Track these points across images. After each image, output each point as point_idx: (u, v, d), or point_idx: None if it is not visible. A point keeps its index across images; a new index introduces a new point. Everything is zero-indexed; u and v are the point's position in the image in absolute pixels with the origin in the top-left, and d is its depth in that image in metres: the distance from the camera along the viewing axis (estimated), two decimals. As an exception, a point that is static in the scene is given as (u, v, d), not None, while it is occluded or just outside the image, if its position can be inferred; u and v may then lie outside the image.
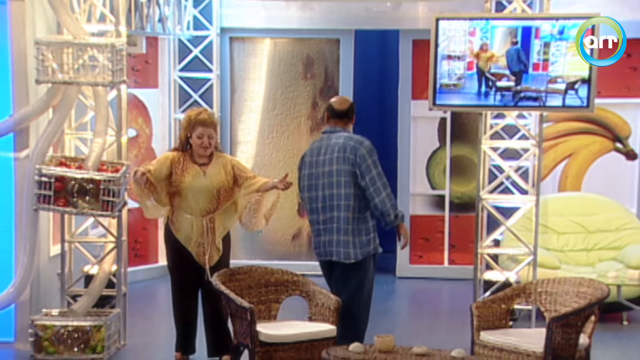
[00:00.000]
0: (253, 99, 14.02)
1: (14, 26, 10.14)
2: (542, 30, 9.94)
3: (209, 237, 9.51)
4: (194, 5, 13.67)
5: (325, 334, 8.70)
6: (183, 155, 9.60)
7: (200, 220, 9.51)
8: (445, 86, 10.18)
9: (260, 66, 14.01)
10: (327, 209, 9.14)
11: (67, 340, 9.90)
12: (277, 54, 13.98)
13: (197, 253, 9.55)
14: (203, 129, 9.50)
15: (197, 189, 9.47)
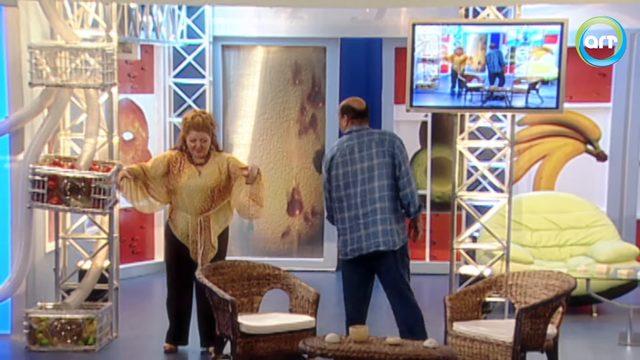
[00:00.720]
0: (245, 104, 13.75)
1: (8, 31, 9.91)
2: (509, 36, 9.73)
3: (204, 235, 9.23)
4: (188, 15, 13.40)
5: (304, 325, 8.42)
6: (182, 155, 9.36)
7: (196, 218, 9.27)
8: (421, 87, 9.94)
9: (251, 73, 13.74)
10: (368, 202, 8.85)
11: (60, 332, 9.63)
12: (267, 61, 13.72)
13: (192, 250, 9.30)
14: (195, 133, 9.26)
15: (192, 188, 9.23)
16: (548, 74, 9.74)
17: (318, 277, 13.27)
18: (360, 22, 13.35)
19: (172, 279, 9.43)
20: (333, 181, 8.97)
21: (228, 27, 13.52)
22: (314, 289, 8.67)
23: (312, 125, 13.73)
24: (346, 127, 9.07)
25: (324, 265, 13.63)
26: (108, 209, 9.67)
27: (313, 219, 13.77)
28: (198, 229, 9.27)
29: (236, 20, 13.48)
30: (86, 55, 9.57)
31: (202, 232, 9.27)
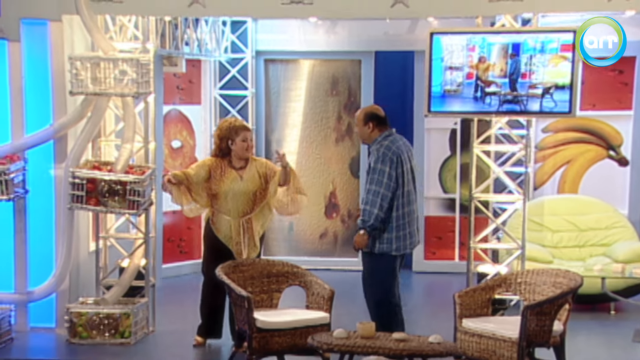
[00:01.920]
0: (285, 114, 13.33)
1: (53, 44, 9.60)
2: (528, 45, 9.14)
3: (247, 236, 8.85)
4: (232, 31, 12.99)
5: (319, 321, 7.97)
6: (221, 162, 8.99)
7: (238, 220, 8.88)
8: (447, 91, 9.46)
9: (292, 84, 13.30)
10: (414, 201, 8.62)
11: (99, 326, 9.29)
12: (307, 73, 13.28)
13: (236, 251, 8.89)
14: (246, 133, 8.99)
15: (236, 192, 8.86)
16: (563, 80, 9.20)
17: (353, 276, 12.75)
18: (392, 36, 12.87)
19: (209, 278, 8.93)
20: (405, 176, 8.50)
21: (270, 42, 13.11)
22: (329, 286, 8.21)
23: (348, 133, 13.25)
24: (371, 133, 8.58)
25: (359, 265, 13.01)
26: (142, 210, 9.30)
27: (349, 221, 13.28)
28: (241, 230, 8.86)
29: (278, 35, 13.06)
30: (124, 66, 9.21)
31: (245, 234, 8.85)
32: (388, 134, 8.60)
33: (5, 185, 9.21)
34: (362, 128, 8.62)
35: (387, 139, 8.57)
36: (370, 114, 8.63)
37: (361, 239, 8.48)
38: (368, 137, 8.61)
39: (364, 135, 8.64)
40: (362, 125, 8.60)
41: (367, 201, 8.45)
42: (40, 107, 9.64)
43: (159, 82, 11.81)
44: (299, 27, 12.94)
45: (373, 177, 8.46)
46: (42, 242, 9.67)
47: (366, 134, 8.61)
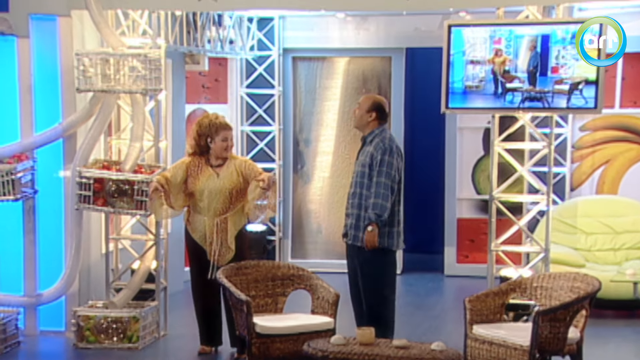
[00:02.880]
0: (313, 112, 13.00)
1: (62, 40, 9.34)
2: (556, 36, 8.69)
3: (220, 237, 8.50)
4: (259, 29, 12.67)
5: (322, 327, 7.60)
6: (199, 159, 8.68)
7: (213, 220, 8.55)
8: (469, 87, 9.05)
9: (321, 83, 12.96)
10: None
11: (107, 330, 9.03)
12: (335, 71, 12.93)
13: (209, 251, 8.57)
14: (226, 132, 8.64)
15: (211, 190, 8.54)
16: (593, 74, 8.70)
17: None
18: (423, 32, 12.48)
19: (194, 281, 8.72)
20: (398, 172, 8.31)
21: (297, 39, 12.79)
22: (334, 289, 7.81)
23: (378, 132, 12.83)
24: (370, 122, 8.31)
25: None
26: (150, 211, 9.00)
27: (380, 223, 12.86)
28: (215, 230, 8.54)
29: (305, 32, 12.75)
30: (133, 62, 8.95)
31: (219, 234, 8.53)
32: (385, 128, 8.41)
33: (12, 185, 9.00)
34: (364, 114, 8.34)
35: (386, 132, 8.38)
36: (377, 104, 8.37)
37: (373, 236, 8.16)
38: (365, 125, 8.34)
39: (362, 122, 8.36)
40: (365, 111, 8.33)
41: (377, 194, 8.15)
42: (49, 105, 9.42)
43: (180, 80, 11.58)
44: (327, 24, 12.62)
45: (381, 169, 8.18)
46: (52, 243, 9.44)
47: (364, 121, 8.33)
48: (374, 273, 8.28)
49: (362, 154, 8.41)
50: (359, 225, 8.27)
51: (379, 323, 8.22)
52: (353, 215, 8.33)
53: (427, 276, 12.56)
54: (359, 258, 8.35)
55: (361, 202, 8.27)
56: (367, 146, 8.36)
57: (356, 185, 8.34)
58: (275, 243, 12.77)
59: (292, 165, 12.94)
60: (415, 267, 12.98)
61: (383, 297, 8.30)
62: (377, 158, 8.20)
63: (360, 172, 8.33)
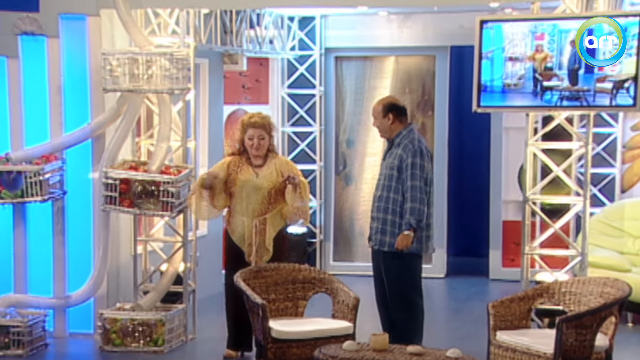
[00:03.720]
0: (355, 112, 12.74)
1: (91, 40, 9.26)
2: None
3: (259, 238, 8.33)
4: (300, 28, 12.47)
5: (340, 332, 7.37)
6: (240, 159, 8.52)
7: (252, 221, 8.37)
8: (507, 86, 8.71)
9: (366, 82, 12.69)
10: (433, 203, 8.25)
11: (133, 333, 8.91)
12: (378, 70, 12.67)
13: (247, 252, 8.41)
14: (253, 131, 8.46)
15: (250, 188, 8.38)
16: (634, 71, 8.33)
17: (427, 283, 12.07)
18: (469, 29, 11.96)
19: (229, 284, 8.48)
20: (429, 174, 8.12)
21: (339, 38, 12.56)
22: (354, 293, 7.56)
23: (422, 133, 12.53)
24: (392, 125, 8.09)
25: (433, 272, 12.43)
26: (176, 212, 8.87)
27: (423, 225, 12.58)
28: (254, 231, 8.36)
29: (348, 31, 12.51)
30: (161, 61, 8.82)
31: (257, 235, 8.35)
32: (412, 128, 8.18)
33: (40, 185, 8.92)
34: (381, 120, 8.12)
35: (414, 132, 8.15)
36: (389, 105, 8.13)
37: (408, 240, 7.93)
38: (388, 129, 8.11)
39: (384, 128, 8.14)
40: (382, 117, 8.11)
41: (414, 199, 7.95)
42: (79, 105, 9.34)
43: (218, 81, 11.46)
44: (370, 23, 12.38)
45: (414, 172, 7.97)
46: (81, 245, 9.36)
47: (386, 126, 8.10)
48: (399, 277, 8.06)
49: (390, 155, 8.17)
50: (385, 230, 8.05)
51: (405, 328, 8.01)
52: (379, 219, 8.10)
53: (471, 280, 12.25)
54: (385, 262, 8.13)
55: (388, 206, 8.04)
56: (395, 148, 8.12)
57: (383, 189, 8.11)
58: (316, 246, 12.53)
59: (333, 166, 12.71)
60: (460, 270, 12.70)
61: (409, 301, 8.07)
62: (407, 161, 7.96)
63: (388, 175, 8.09)
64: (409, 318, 8.07)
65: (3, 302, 9.09)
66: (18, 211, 9.25)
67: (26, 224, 9.31)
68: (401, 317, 8.06)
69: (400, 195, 7.99)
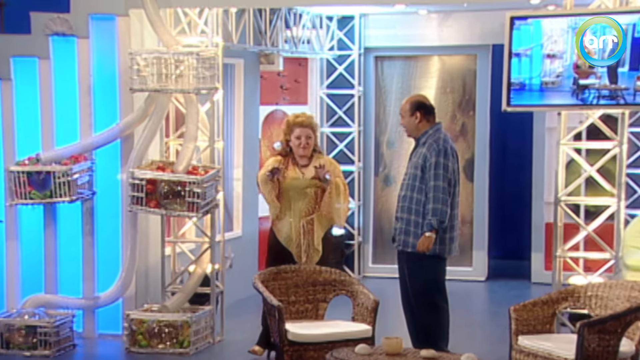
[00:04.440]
0: (396, 113, 12.47)
1: (120, 40, 9.22)
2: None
3: (307, 239, 8.20)
4: (339, 28, 12.32)
5: (358, 334, 7.19)
6: (286, 160, 8.43)
7: (299, 221, 8.28)
8: (545, 84, 8.48)
9: (407, 82, 12.50)
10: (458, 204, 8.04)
11: (159, 335, 8.82)
12: (418, 70, 12.48)
13: (296, 254, 8.29)
14: (300, 130, 8.37)
15: (296, 189, 8.29)
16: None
17: (467, 287, 11.99)
18: (510, 28, 11.84)
19: None
20: (458, 174, 7.96)
21: (379, 38, 12.39)
22: (374, 296, 7.39)
23: (463, 133, 12.36)
24: (419, 124, 7.90)
25: (473, 274, 12.23)
26: (202, 213, 8.77)
27: (463, 227, 12.30)
28: (301, 232, 8.23)
29: (386, 31, 12.33)
30: (187, 61, 8.74)
31: (305, 236, 8.22)
32: (439, 127, 7.99)
33: (68, 186, 8.89)
34: (408, 119, 7.94)
35: (441, 132, 7.95)
36: (417, 103, 7.94)
37: (430, 242, 7.75)
38: (415, 128, 7.94)
39: (411, 127, 7.95)
40: (409, 115, 7.93)
41: (436, 199, 7.76)
42: (108, 105, 9.30)
43: (253, 81, 11.36)
44: (410, 22, 12.20)
45: (437, 172, 7.78)
46: (110, 245, 9.31)
47: (413, 125, 7.92)
48: (423, 280, 7.87)
49: (415, 155, 8.00)
50: (409, 230, 7.86)
51: (430, 331, 7.84)
52: (403, 219, 7.92)
53: (512, 283, 11.99)
54: (408, 264, 7.95)
55: (411, 206, 7.86)
56: (420, 147, 7.95)
57: (407, 188, 7.93)
58: (354, 248, 12.36)
59: (373, 167, 12.54)
60: (501, 273, 12.44)
61: (433, 304, 7.88)
62: (430, 160, 7.78)
63: (412, 174, 7.92)
64: (433, 321, 7.88)
65: (32, 302, 9.08)
66: (48, 212, 9.24)
67: (56, 225, 9.30)
68: (425, 320, 7.88)
69: (423, 196, 7.80)
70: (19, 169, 8.95)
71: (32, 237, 9.37)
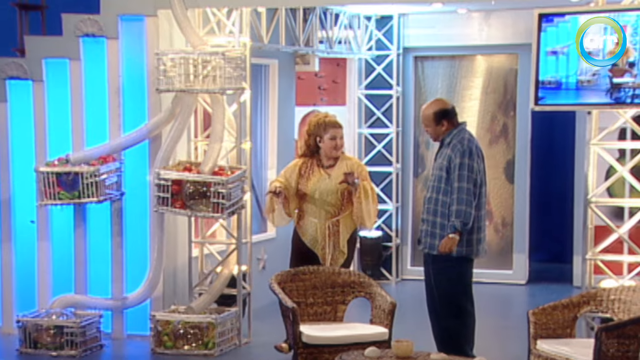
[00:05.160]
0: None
1: (149, 40, 9.21)
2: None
3: (333, 240, 8.09)
4: (378, 28, 12.19)
5: (374, 337, 7.05)
6: (310, 160, 8.31)
7: (325, 223, 8.15)
8: (581, 83, 8.25)
9: (446, 82, 12.33)
10: (485, 205, 7.85)
11: (185, 336, 8.78)
12: (458, 70, 12.30)
13: (321, 256, 8.17)
14: (334, 131, 8.24)
15: (323, 191, 8.16)
16: None
17: (507, 290, 11.80)
18: (552, 26, 11.62)
19: None
20: (484, 174, 7.76)
21: (418, 37, 12.24)
22: (391, 298, 7.26)
23: (503, 134, 12.15)
24: (446, 130, 7.69)
25: (514, 278, 12.01)
26: (227, 214, 8.72)
27: (503, 229, 12.17)
28: (327, 233, 8.12)
29: (426, 30, 12.18)
30: (213, 61, 8.70)
31: (331, 237, 8.11)
32: (463, 127, 7.83)
33: (95, 186, 8.90)
34: (435, 128, 7.80)
35: (465, 132, 7.80)
36: (440, 112, 7.80)
37: (452, 243, 7.60)
38: (441, 134, 7.75)
39: (438, 134, 7.82)
40: (435, 125, 7.79)
41: (460, 200, 7.59)
42: (137, 106, 9.30)
43: (288, 81, 11.30)
44: (450, 21, 12.04)
45: (462, 173, 7.61)
46: (139, 246, 9.30)
47: (440, 133, 7.80)
48: (448, 282, 7.72)
49: (440, 156, 7.84)
50: (435, 233, 7.72)
51: (455, 335, 7.69)
52: (428, 221, 7.78)
53: (553, 287, 11.75)
54: (433, 266, 7.80)
55: (437, 208, 7.71)
56: (445, 148, 7.79)
57: (432, 190, 7.79)
58: (392, 250, 12.21)
59: (412, 168, 12.39)
60: (543, 277, 12.21)
61: (459, 307, 7.72)
62: (455, 161, 7.62)
63: (438, 175, 7.77)
64: (458, 324, 7.72)
65: (60, 302, 9.10)
66: (78, 212, 9.27)
67: (86, 225, 9.32)
68: (450, 324, 7.73)
69: (448, 197, 7.65)
70: (48, 170, 8.98)
71: (63, 237, 9.40)
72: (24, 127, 9.49)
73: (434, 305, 7.85)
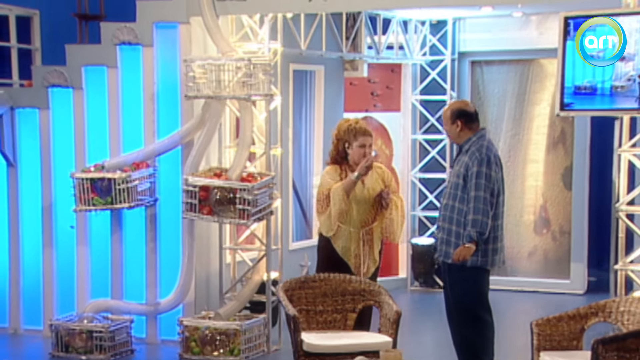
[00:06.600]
0: (492, 120, 12.10)
1: (182, 47, 9.26)
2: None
3: (366, 249, 7.96)
4: (432, 33, 12.02)
5: (377, 347, 6.83)
6: (341, 167, 8.06)
7: (359, 232, 7.96)
8: (615, 88, 8.02)
9: (499, 87, 12.09)
10: (503, 214, 7.64)
11: (212, 342, 8.76)
12: (516, 74, 12.02)
13: (355, 264, 7.97)
14: (364, 138, 7.97)
15: (359, 199, 7.93)
16: None
17: (563, 299, 11.44)
18: (610, 29, 11.28)
19: None
20: (503, 183, 7.58)
21: (475, 42, 12.00)
22: (397, 307, 7.11)
23: (562, 140, 11.83)
24: (460, 132, 7.56)
25: (571, 287, 11.68)
26: (253, 220, 8.69)
27: (561, 238, 11.85)
28: (361, 242, 7.98)
29: (482, 35, 11.94)
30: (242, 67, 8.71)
31: (365, 246, 7.98)
32: (483, 134, 7.55)
33: (127, 192, 8.98)
34: (449, 126, 7.61)
35: (484, 139, 7.55)
36: (458, 112, 7.57)
37: (468, 252, 7.42)
38: (457, 136, 7.61)
39: (453, 134, 7.65)
40: (450, 123, 7.59)
41: (477, 210, 7.39)
42: (171, 112, 9.36)
43: (336, 87, 11.23)
44: (505, 25, 11.78)
45: (479, 182, 7.41)
46: (173, 251, 9.35)
47: (455, 133, 7.59)
48: (464, 292, 7.54)
49: (457, 163, 7.66)
50: (450, 241, 7.54)
51: (472, 344, 7.52)
52: (444, 229, 7.61)
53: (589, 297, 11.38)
54: (449, 275, 7.63)
55: (452, 216, 7.54)
56: (463, 155, 7.61)
57: (449, 197, 7.62)
58: (445, 258, 12.00)
59: (465, 175, 12.15)
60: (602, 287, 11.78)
61: (475, 317, 7.53)
62: (472, 170, 7.43)
63: (454, 183, 7.59)
64: (476, 335, 7.54)
65: (92, 307, 9.21)
66: (115, 218, 9.37)
67: (122, 231, 9.41)
68: (468, 333, 7.55)
69: (465, 205, 7.46)
70: (83, 176, 9.09)
71: (100, 242, 9.52)
72: (65, 134, 9.65)
73: (452, 314, 7.69)
